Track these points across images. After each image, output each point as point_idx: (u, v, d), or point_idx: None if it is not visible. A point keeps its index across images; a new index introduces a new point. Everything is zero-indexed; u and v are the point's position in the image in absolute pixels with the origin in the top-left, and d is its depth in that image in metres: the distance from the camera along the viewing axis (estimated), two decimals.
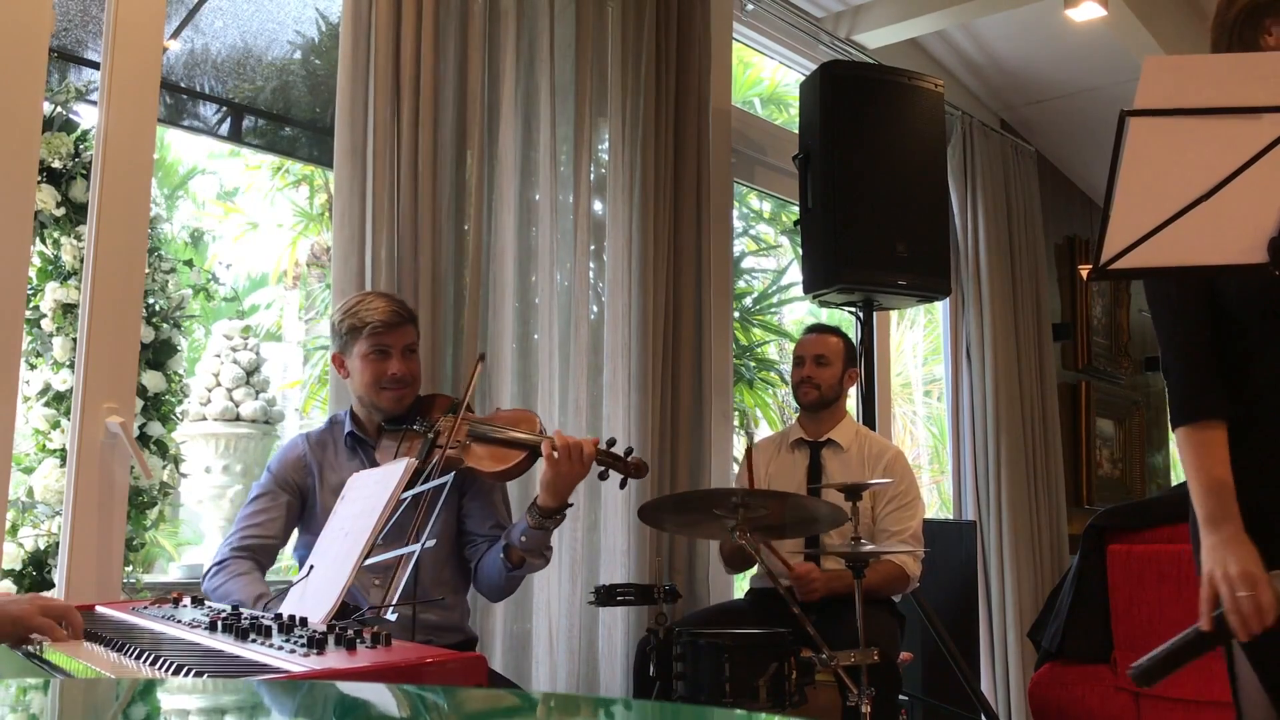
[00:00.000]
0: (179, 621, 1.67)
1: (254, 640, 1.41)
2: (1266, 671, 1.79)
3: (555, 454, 2.41)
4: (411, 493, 2.00)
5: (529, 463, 2.51)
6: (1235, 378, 1.84)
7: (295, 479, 2.59)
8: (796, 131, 4.19)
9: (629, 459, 2.53)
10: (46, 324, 3.02)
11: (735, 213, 4.89)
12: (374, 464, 2.53)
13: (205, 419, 3.97)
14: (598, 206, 3.65)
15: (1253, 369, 1.84)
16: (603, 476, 2.53)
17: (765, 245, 8.65)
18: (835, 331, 3.63)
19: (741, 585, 3.82)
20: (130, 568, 3.01)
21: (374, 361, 2.55)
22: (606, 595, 2.97)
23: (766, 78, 7.86)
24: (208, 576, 2.49)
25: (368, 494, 1.88)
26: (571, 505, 2.53)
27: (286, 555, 2.64)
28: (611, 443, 2.54)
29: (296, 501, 2.59)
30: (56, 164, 2.96)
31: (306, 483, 2.60)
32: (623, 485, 2.59)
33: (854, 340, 3.71)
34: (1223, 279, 1.79)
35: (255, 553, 2.51)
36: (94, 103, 2.76)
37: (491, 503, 2.65)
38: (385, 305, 2.58)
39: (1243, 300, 1.86)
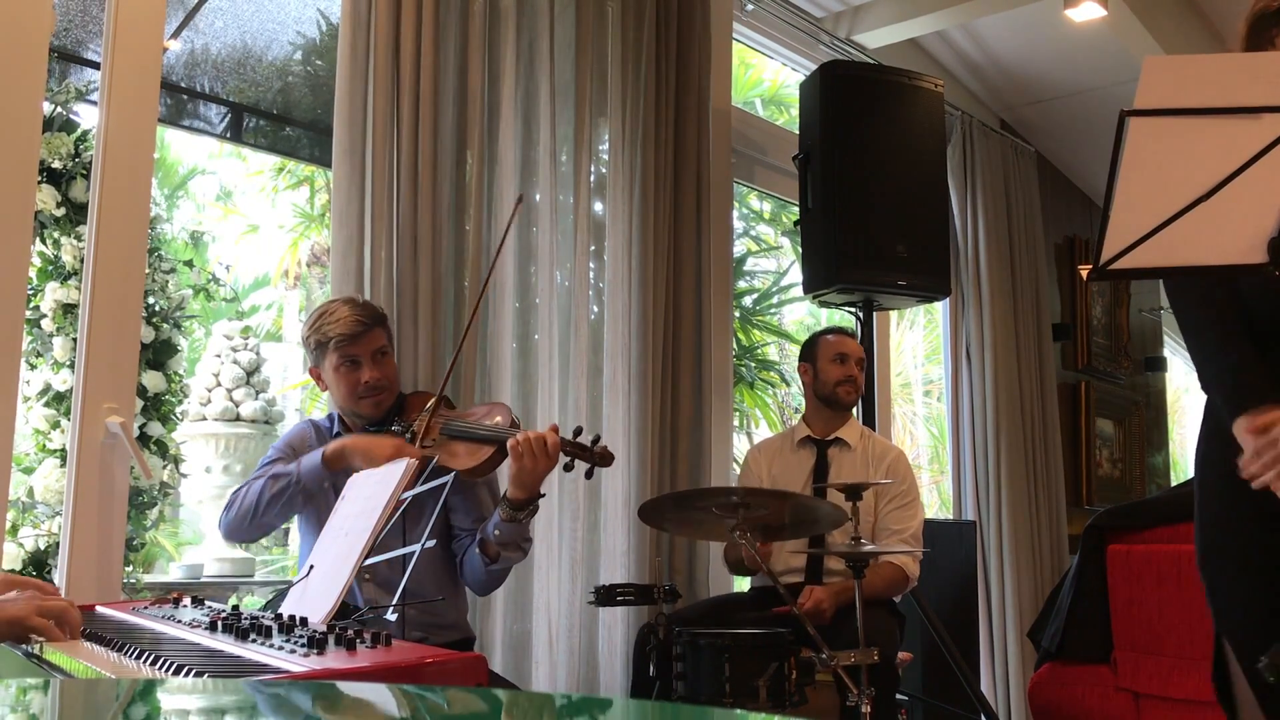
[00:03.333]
0: (179, 621, 1.67)
1: (254, 640, 1.41)
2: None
3: (519, 448, 2.39)
4: (411, 493, 2.00)
5: (500, 457, 2.49)
6: None
7: (303, 453, 2.61)
8: (796, 132, 4.19)
9: (595, 448, 2.47)
10: (46, 324, 3.02)
11: (735, 213, 4.89)
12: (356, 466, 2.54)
13: (205, 419, 3.98)
14: (598, 206, 3.65)
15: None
16: (568, 468, 2.47)
17: (766, 246, 8.65)
18: (852, 334, 3.68)
19: (742, 584, 3.82)
20: (130, 568, 3.01)
21: (346, 373, 2.56)
22: (606, 595, 2.97)
23: (768, 79, 7.87)
24: (221, 519, 2.53)
25: (367, 494, 1.88)
26: (544, 495, 2.51)
27: (291, 554, 2.64)
28: (578, 431, 2.49)
29: None
30: (56, 164, 2.96)
31: None
32: (589, 475, 2.55)
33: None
34: (1242, 278, 1.77)
35: None
36: (94, 103, 2.76)
37: (475, 497, 2.65)
38: (348, 314, 2.55)
39: (1258, 298, 1.85)
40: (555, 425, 2.49)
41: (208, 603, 1.93)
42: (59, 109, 2.99)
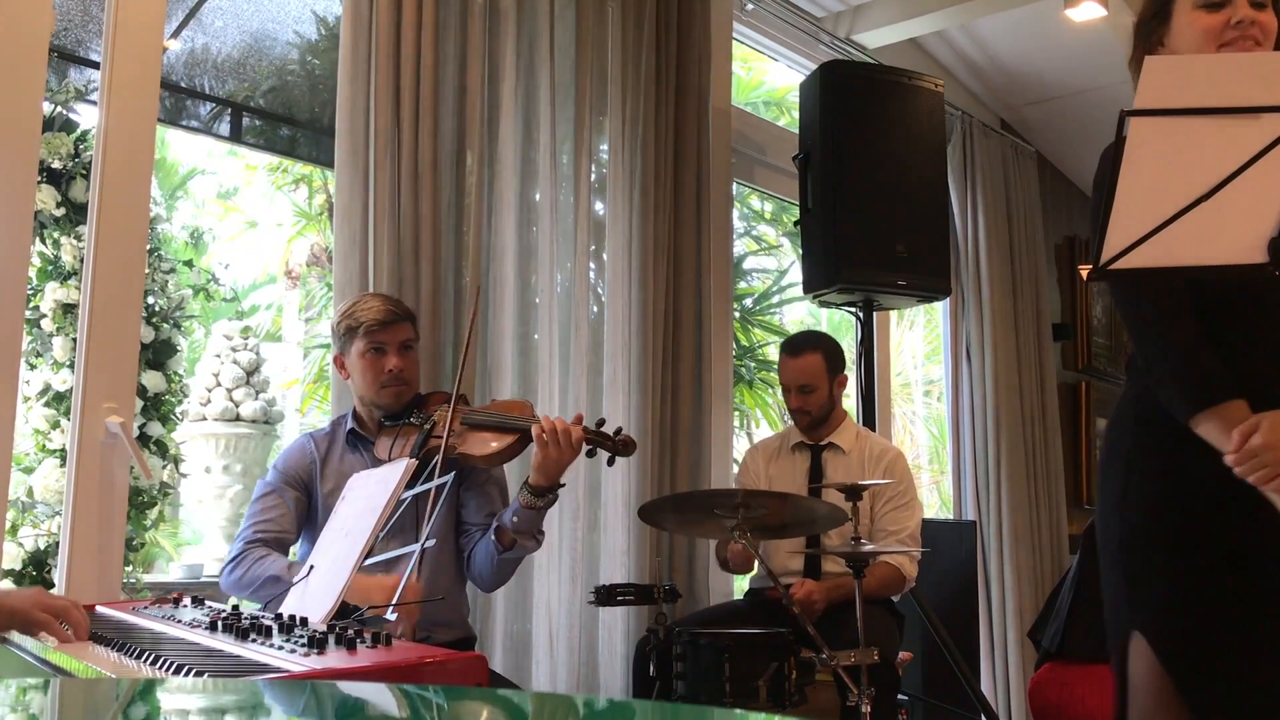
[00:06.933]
0: (179, 621, 1.67)
1: (254, 640, 1.41)
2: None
3: (544, 437, 2.46)
4: (412, 492, 2.00)
5: (520, 446, 2.55)
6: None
7: (301, 476, 2.62)
8: (796, 132, 4.19)
9: (617, 437, 2.56)
10: (46, 324, 3.03)
11: (735, 213, 4.89)
12: (374, 460, 2.57)
13: (205, 419, 3.98)
14: (598, 206, 3.65)
15: (1240, 361, 1.82)
16: (590, 454, 2.56)
17: (766, 245, 8.65)
18: (812, 345, 3.45)
19: (741, 585, 3.82)
20: (130, 568, 3.02)
21: (372, 359, 2.60)
22: (606, 595, 2.97)
23: (772, 83, 7.86)
24: (226, 573, 2.51)
25: (369, 493, 1.88)
26: (564, 485, 2.56)
27: (291, 554, 2.64)
28: (600, 422, 2.58)
29: (304, 498, 2.61)
30: (56, 164, 2.96)
31: (312, 479, 2.63)
32: (610, 462, 2.62)
33: (837, 342, 3.57)
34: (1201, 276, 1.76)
35: (269, 545, 2.53)
36: (94, 103, 2.76)
37: (487, 493, 2.69)
38: (380, 304, 2.65)
39: (1227, 294, 1.84)
40: (580, 415, 2.56)
41: (208, 603, 1.93)
42: (59, 109, 2.99)
